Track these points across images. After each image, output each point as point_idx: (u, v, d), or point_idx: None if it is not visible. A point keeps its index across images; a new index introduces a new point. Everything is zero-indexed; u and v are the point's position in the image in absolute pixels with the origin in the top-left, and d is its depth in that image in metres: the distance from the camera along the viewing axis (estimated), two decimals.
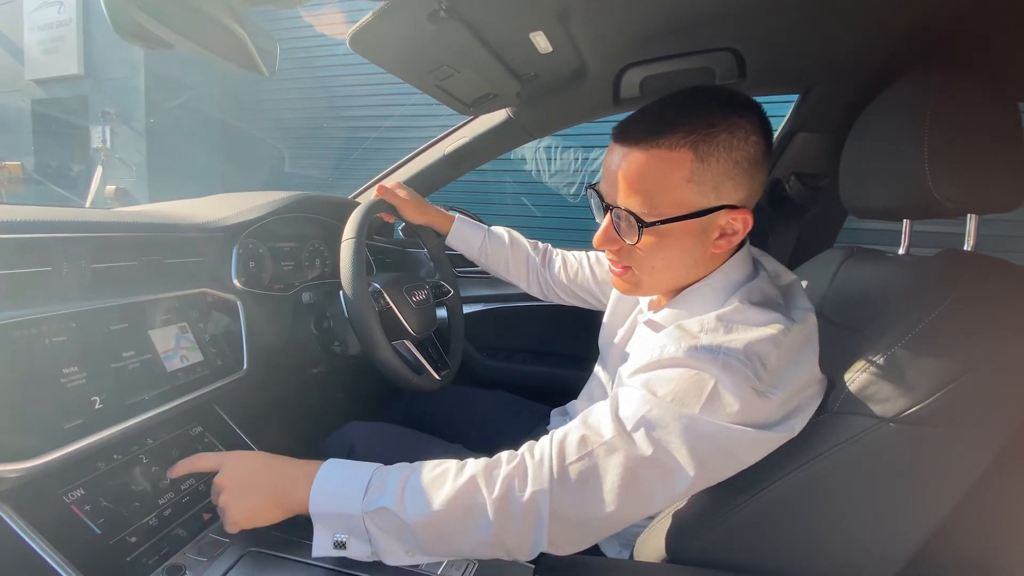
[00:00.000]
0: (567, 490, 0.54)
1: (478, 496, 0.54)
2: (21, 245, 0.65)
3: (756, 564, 0.62)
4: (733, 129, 0.58)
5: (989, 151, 0.60)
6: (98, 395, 0.66)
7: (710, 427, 0.52)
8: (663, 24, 0.81)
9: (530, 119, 1.23)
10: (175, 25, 0.60)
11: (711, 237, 0.62)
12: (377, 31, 0.72)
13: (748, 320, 0.57)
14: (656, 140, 0.58)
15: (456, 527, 0.55)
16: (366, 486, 0.57)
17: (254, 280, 1.01)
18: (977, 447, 0.56)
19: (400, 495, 0.56)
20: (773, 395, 0.54)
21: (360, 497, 0.56)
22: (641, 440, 0.53)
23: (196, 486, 0.72)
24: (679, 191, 0.58)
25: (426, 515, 0.54)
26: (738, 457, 0.55)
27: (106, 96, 5.51)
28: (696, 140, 0.57)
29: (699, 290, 0.66)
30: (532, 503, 0.53)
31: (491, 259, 1.08)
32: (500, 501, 0.54)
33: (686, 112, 0.59)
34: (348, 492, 0.57)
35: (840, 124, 1.06)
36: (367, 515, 0.56)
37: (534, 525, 0.54)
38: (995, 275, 0.59)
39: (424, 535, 0.55)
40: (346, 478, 0.59)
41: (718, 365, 0.53)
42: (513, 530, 0.54)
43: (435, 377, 1.02)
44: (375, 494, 0.56)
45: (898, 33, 0.76)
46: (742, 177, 0.59)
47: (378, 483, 0.57)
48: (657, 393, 0.54)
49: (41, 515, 0.57)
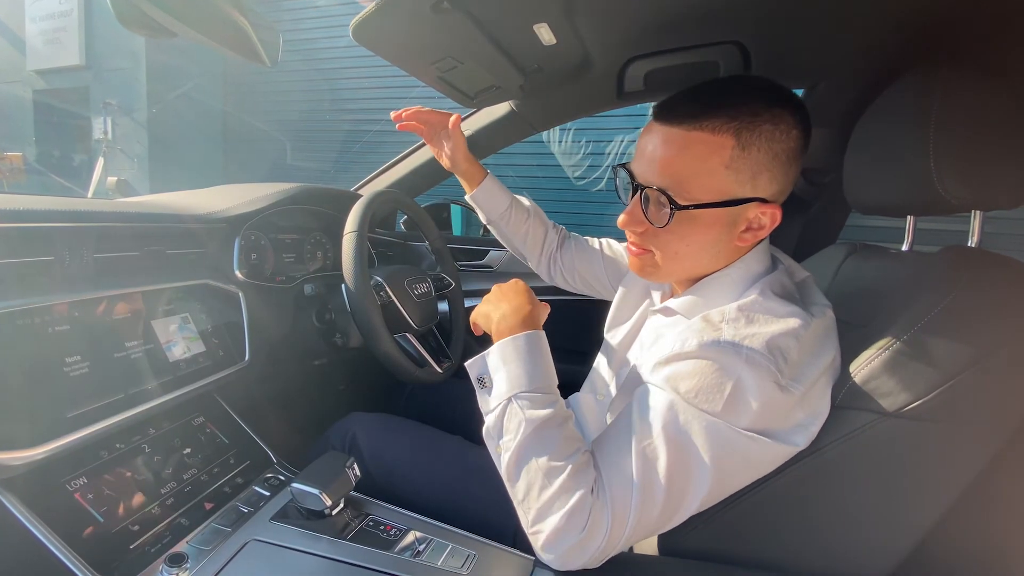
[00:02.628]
0: (616, 519, 0.54)
1: (580, 483, 0.54)
2: (24, 234, 0.65)
3: (756, 557, 0.63)
4: (777, 121, 0.57)
5: (994, 147, 0.60)
6: (101, 384, 0.66)
7: (731, 434, 0.53)
8: (668, 17, 0.80)
9: (533, 112, 1.23)
10: (178, 14, 0.59)
11: (738, 229, 0.61)
12: (380, 22, 0.71)
13: (769, 311, 0.57)
14: (700, 122, 0.57)
15: (531, 489, 0.56)
16: (534, 386, 0.59)
17: (256, 272, 1.01)
18: (978, 443, 0.56)
19: (536, 425, 0.57)
20: (795, 389, 0.54)
21: (524, 386, 0.59)
22: (664, 450, 0.54)
23: (198, 476, 0.72)
24: (716, 177, 0.58)
25: (520, 464, 0.57)
26: (755, 467, 0.56)
27: (108, 87, 5.50)
28: (740, 127, 0.57)
29: (719, 279, 0.65)
30: (589, 536, 0.54)
31: (511, 225, 1.04)
32: (580, 499, 0.54)
33: (732, 98, 0.58)
34: (523, 372, 0.60)
35: (845, 119, 1.05)
36: (515, 398, 0.59)
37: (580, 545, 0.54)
38: (999, 271, 0.59)
39: (511, 461, 0.57)
40: (530, 363, 0.61)
41: (741, 360, 0.53)
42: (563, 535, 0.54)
43: (437, 370, 1.02)
44: (527, 403, 0.58)
45: (905, 29, 0.76)
46: (779, 170, 0.59)
47: (542, 396, 0.59)
48: (680, 390, 0.54)
49: (44, 503, 0.57)
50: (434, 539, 0.65)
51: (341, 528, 0.65)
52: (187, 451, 0.74)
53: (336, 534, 0.64)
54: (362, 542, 0.64)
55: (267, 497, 0.72)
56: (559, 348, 1.54)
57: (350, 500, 0.69)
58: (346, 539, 0.64)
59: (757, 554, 0.63)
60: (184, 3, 0.59)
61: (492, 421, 0.60)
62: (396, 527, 0.67)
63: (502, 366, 0.61)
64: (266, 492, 0.73)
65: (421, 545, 0.64)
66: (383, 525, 0.67)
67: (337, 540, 0.63)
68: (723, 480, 0.55)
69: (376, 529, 0.66)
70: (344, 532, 0.65)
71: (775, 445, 0.54)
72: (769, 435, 0.54)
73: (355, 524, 0.67)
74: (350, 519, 0.67)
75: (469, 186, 1.02)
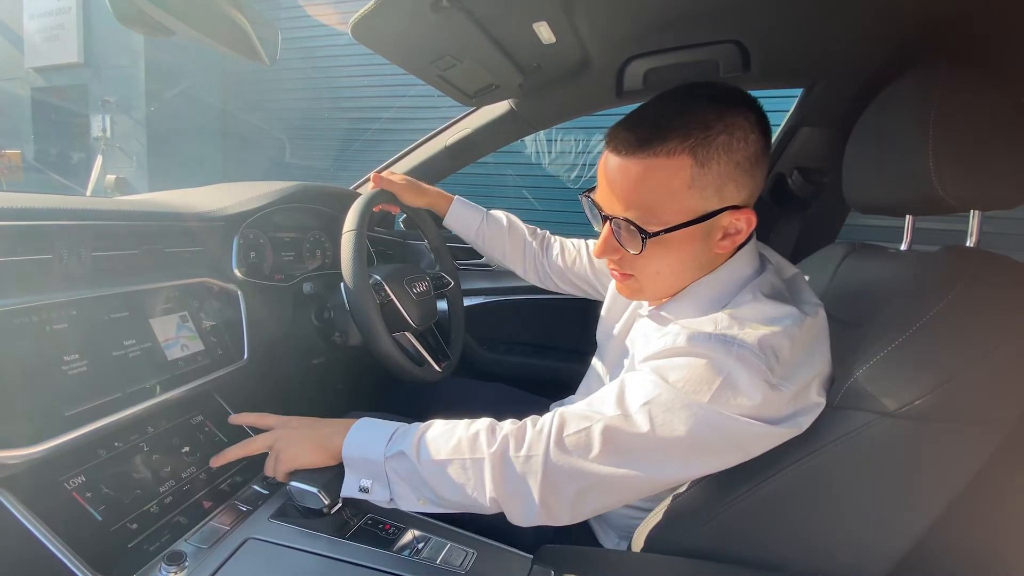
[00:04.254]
0: (561, 456, 0.55)
1: (478, 450, 0.58)
2: (21, 232, 0.64)
3: (754, 556, 0.63)
4: (731, 129, 0.56)
5: (994, 147, 0.60)
6: (99, 383, 0.66)
7: (717, 416, 0.53)
8: (668, 16, 0.81)
9: (532, 111, 1.23)
10: (177, 12, 0.59)
11: (715, 239, 0.61)
12: (379, 20, 0.71)
13: (761, 313, 0.57)
14: (653, 148, 0.56)
15: (459, 478, 0.58)
16: (390, 435, 0.63)
17: (255, 270, 1.01)
18: (976, 442, 0.56)
19: (416, 443, 0.61)
20: (785, 388, 0.54)
21: (384, 444, 0.63)
22: (642, 419, 0.54)
23: (197, 474, 0.72)
24: (681, 198, 0.57)
25: (434, 462, 0.60)
26: (742, 448, 0.55)
27: (106, 85, 5.48)
28: (694, 144, 0.55)
29: (708, 283, 0.65)
30: (526, 463, 0.56)
31: (488, 242, 1.07)
32: (497, 456, 0.57)
33: (680, 115, 0.57)
34: (375, 439, 0.64)
35: (844, 119, 1.05)
36: (387, 460, 0.62)
37: (526, 485, 0.56)
38: (997, 271, 0.59)
39: (433, 483, 0.60)
40: (375, 428, 0.65)
41: (732, 356, 0.53)
42: (508, 488, 0.57)
43: (436, 369, 1.02)
44: (396, 442, 0.62)
45: (904, 28, 0.76)
46: (743, 177, 0.58)
47: (400, 433, 0.64)
48: (668, 379, 0.54)
49: (42, 502, 0.57)
50: (433, 537, 0.65)
51: (340, 527, 0.65)
52: (185, 450, 0.74)
53: (335, 533, 0.64)
54: (361, 540, 0.64)
55: (266, 496, 0.72)
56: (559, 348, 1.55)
57: (349, 499, 0.69)
58: (345, 538, 0.64)
59: (755, 553, 0.63)
60: (183, 1, 0.59)
61: (401, 492, 0.62)
62: (395, 526, 0.67)
63: (349, 473, 0.64)
64: (265, 491, 0.73)
65: (420, 544, 0.64)
66: (382, 523, 0.67)
67: (336, 539, 0.63)
68: (707, 459, 0.55)
69: (375, 527, 0.66)
70: (343, 531, 0.65)
71: (764, 427, 0.53)
72: (756, 418, 0.53)
73: (354, 523, 0.67)
74: (349, 518, 0.67)
75: (441, 215, 1.08)
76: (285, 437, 0.68)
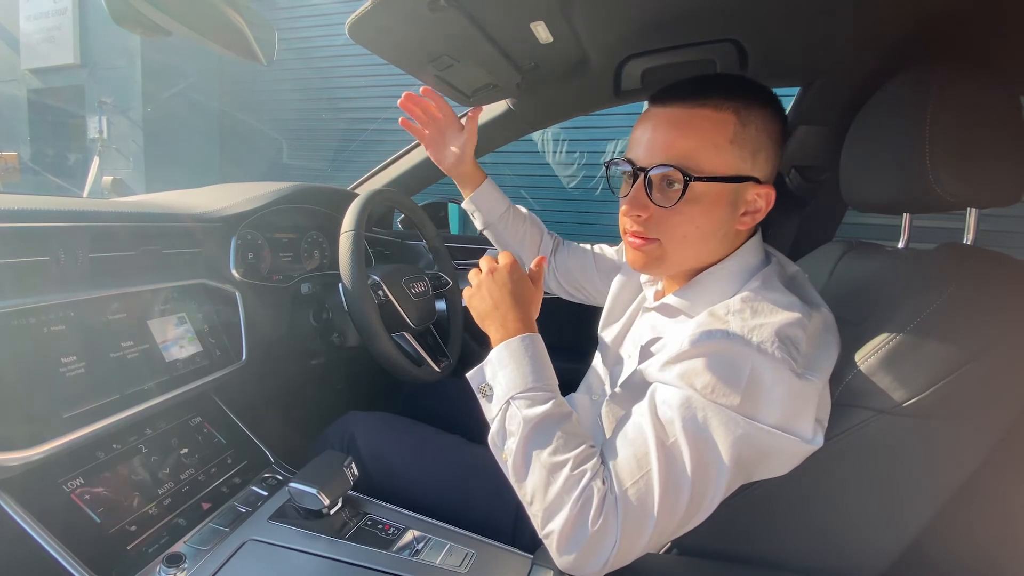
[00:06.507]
0: (631, 517, 0.52)
1: (567, 494, 0.53)
2: (18, 234, 0.64)
3: (752, 553, 0.63)
4: (765, 107, 0.61)
5: (990, 145, 0.60)
6: (97, 385, 0.66)
7: (752, 429, 0.52)
8: (665, 15, 0.81)
9: (530, 110, 1.23)
10: (173, 12, 0.59)
11: (738, 212, 0.62)
12: (376, 20, 0.71)
13: (773, 301, 0.57)
14: (701, 100, 0.60)
15: (538, 489, 0.55)
16: (529, 386, 0.60)
17: (253, 271, 1.01)
18: (974, 439, 0.56)
19: (535, 423, 0.57)
20: (812, 378, 0.53)
21: (520, 388, 0.59)
22: (685, 448, 0.52)
23: (196, 476, 0.72)
24: (722, 151, 0.60)
25: (525, 464, 0.56)
26: (773, 464, 0.55)
27: (103, 86, 5.47)
28: (738, 106, 0.60)
29: (715, 273, 0.65)
30: (602, 532, 0.52)
31: (508, 229, 1.05)
32: (577, 516, 0.53)
33: (724, 83, 0.62)
34: (519, 374, 0.61)
35: (841, 117, 1.05)
36: (512, 400, 0.59)
37: (600, 547, 0.53)
38: (994, 268, 0.59)
39: (516, 462, 0.57)
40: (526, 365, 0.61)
41: (752, 349, 0.53)
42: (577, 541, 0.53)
43: (434, 369, 1.02)
44: (525, 403, 0.59)
45: (900, 27, 0.76)
46: (772, 151, 0.62)
47: (539, 394, 0.60)
48: (696, 386, 0.53)
49: (41, 504, 0.57)
50: (432, 538, 0.65)
51: (339, 527, 0.65)
52: (184, 451, 0.74)
53: (334, 533, 0.64)
54: (360, 541, 0.64)
55: (265, 497, 0.72)
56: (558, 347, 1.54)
57: (348, 499, 0.69)
58: (344, 538, 0.64)
59: (753, 551, 0.63)
60: (179, 1, 0.59)
61: (496, 428, 0.60)
62: (394, 526, 0.67)
63: (499, 371, 0.62)
64: (264, 492, 0.73)
65: (419, 544, 0.64)
66: (381, 524, 0.67)
67: (335, 539, 0.63)
68: (742, 476, 0.55)
69: (374, 528, 0.66)
70: (342, 531, 0.65)
71: (794, 442, 0.53)
72: (789, 431, 0.52)
73: (353, 523, 0.67)
74: (348, 518, 0.67)
75: (468, 189, 1.03)
76: (489, 285, 0.68)
